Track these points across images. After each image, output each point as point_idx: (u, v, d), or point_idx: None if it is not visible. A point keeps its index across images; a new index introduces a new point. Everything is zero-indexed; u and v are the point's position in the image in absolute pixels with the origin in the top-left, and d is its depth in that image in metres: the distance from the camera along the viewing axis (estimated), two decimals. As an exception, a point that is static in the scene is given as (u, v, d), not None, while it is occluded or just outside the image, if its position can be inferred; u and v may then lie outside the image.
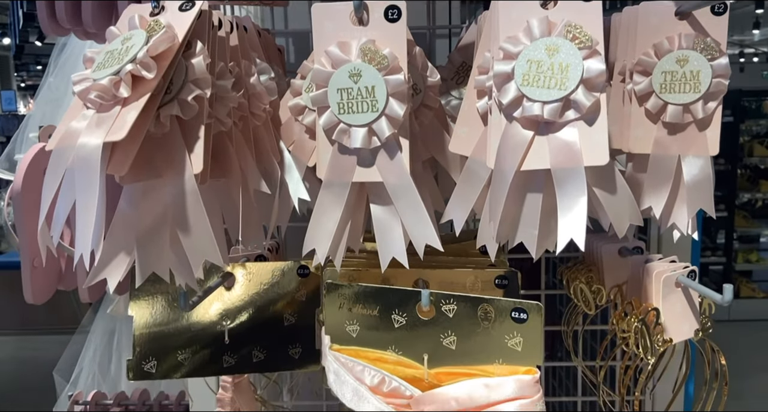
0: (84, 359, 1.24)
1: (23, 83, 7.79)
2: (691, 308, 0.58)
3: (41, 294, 0.90)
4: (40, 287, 0.89)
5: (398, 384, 0.51)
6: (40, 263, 0.89)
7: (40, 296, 0.90)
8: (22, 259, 0.86)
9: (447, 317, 0.51)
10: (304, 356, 0.63)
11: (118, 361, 1.24)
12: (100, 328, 1.26)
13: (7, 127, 5.54)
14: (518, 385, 0.47)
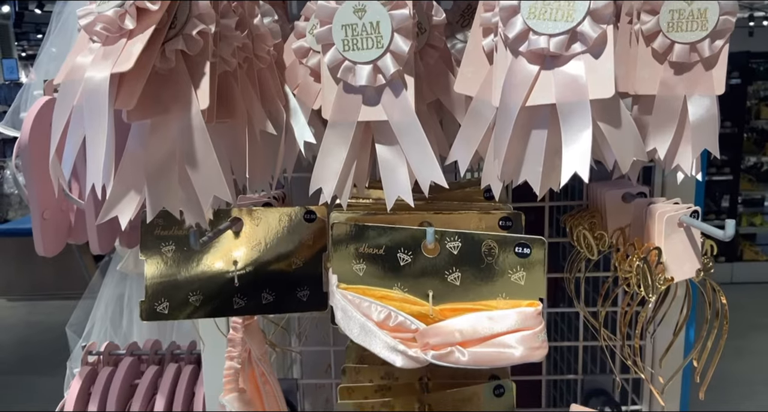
0: (96, 315, 1.27)
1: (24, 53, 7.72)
2: (693, 248, 0.58)
3: (52, 247, 0.92)
4: (50, 240, 0.91)
5: (404, 319, 0.52)
6: (50, 215, 0.90)
7: (50, 249, 0.92)
8: (32, 212, 0.88)
9: (451, 253, 0.52)
10: (312, 299, 0.64)
11: (129, 316, 1.26)
12: (111, 284, 1.28)
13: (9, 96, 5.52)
14: (521, 317, 0.49)
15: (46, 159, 0.86)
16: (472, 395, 0.63)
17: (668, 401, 0.80)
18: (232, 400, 0.62)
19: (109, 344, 1.00)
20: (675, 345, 0.73)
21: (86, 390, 0.94)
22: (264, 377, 0.69)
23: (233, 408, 0.62)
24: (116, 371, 0.94)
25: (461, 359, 0.50)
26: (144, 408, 0.93)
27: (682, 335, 0.76)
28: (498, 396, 0.63)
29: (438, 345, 0.50)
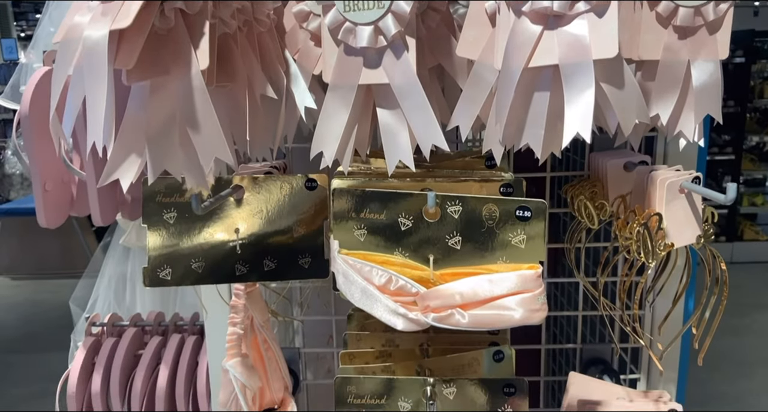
0: (99, 289, 1.28)
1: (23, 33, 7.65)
2: (693, 214, 0.59)
3: (54, 218, 0.92)
4: (52, 212, 0.91)
5: (404, 282, 0.52)
6: (51, 187, 0.90)
7: (52, 221, 0.92)
8: (34, 183, 0.88)
9: (452, 217, 0.52)
10: (314, 266, 0.65)
11: (133, 290, 1.28)
12: (114, 258, 1.29)
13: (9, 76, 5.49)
14: (520, 279, 0.49)
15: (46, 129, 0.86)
16: (472, 361, 0.64)
17: (666, 370, 0.81)
18: (235, 365, 0.63)
19: (112, 315, 1.00)
20: (674, 315, 0.74)
21: (90, 360, 0.95)
22: (266, 343, 0.70)
23: (236, 373, 0.62)
24: (120, 341, 0.95)
25: (461, 321, 0.50)
26: (148, 378, 0.94)
27: (681, 304, 0.77)
28: (497, 361, 0.64)
29: (438, 308, 0.51)
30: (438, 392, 0.59)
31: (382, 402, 0.60)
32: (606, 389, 0.74)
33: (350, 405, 0.60)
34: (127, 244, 1.27)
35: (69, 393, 0.92)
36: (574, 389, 0.74)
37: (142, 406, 0.93)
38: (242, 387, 0.63)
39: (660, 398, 0.71)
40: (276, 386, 0.71)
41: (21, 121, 0.84)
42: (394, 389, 0.60)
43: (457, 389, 0.59)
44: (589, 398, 0.71)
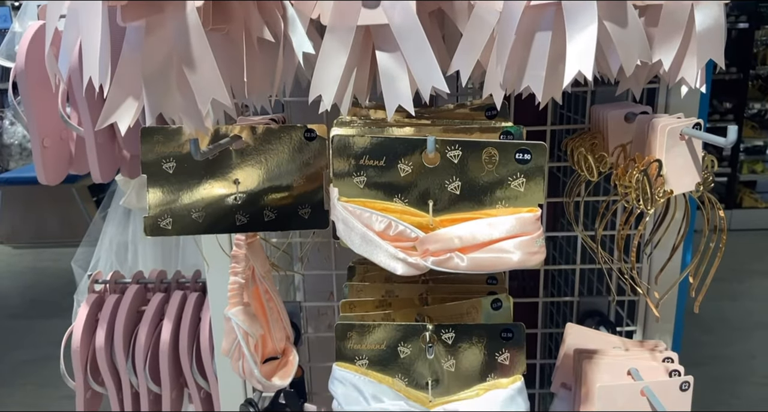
0: (101, 249, 1.28)
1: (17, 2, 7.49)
2: (693, 161, 0.59)
3: (53, 175, 0.92)
4: (51, 168, 0.91)
5: (404, 228, 0.53)
6: (50, 143, 0.90)
7: (52, 177, 0.92)
8: (32, 140, 0.87)
9: (452, 162, 0.52)
10: (313, 216, 0.65)
11: (134, 251, 1.28)
12: (115, 220, 1.30)
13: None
14: (519, 222, 0.49)
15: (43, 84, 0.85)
16: (470, 309, 0.65)
17: (662, 322, 0.82)
18: (237, 312, 0.64)
19: (114, 272, 1.01)
20: (671, 267, 0.75)
21: (93, 317, 0.97)
22: (268, 294, 0.71)
23: (238, 320, 0.63)
24: (122, 298, 0.96)
25: (460, 264, 0.50)
26: (151, 333, 0.95)
27: (678, 257, 0.78)
28: (496, 310, 0.65)
29: (437, 251, 0.51)
30: (437, 337, 0.60)
31: (382, 348, 0.61)
32: (602, 339, 0.75)
33: (350, 351, 0.61)
34: (128, 205, 1.27)
35: (73, 348, 0.94)
36: (571, 339, 0.76)
37: (147, 361, 0.95)
38: (245, 335, 0.64)
39: (656, 348, 0.72)
40: (278, 336, 0.72)
41: (17, 76, 0.83)
42: (393, 334, 0.61)
43: (456, 335, 0.60)
44: (586, 347, 0.72)
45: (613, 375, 0.69)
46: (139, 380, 0.96)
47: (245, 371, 0.66)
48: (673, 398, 0.65)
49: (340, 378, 0.61)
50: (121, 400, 0.99)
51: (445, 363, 0.60)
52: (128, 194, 1.25)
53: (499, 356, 0.60)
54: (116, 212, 1.29)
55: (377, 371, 0.61)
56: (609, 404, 0.65)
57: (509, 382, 0.59)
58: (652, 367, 0.69)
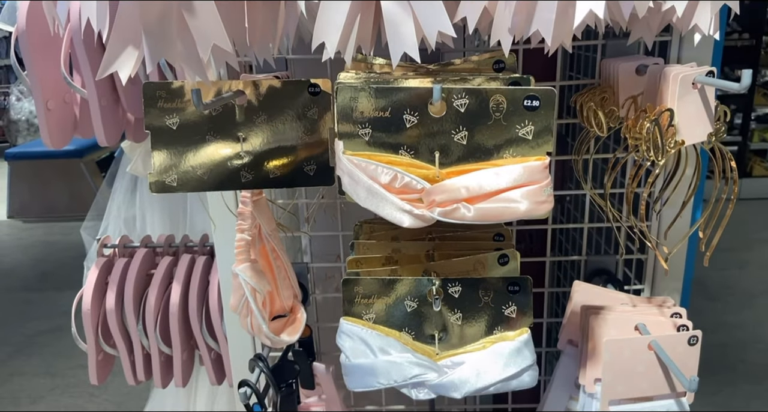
0: (109, 216, 1.29)
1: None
2: (706, 110, 0.57)
3: (58, 139, 0.92)
4: (56, 132, 0.91)
5: (410, 179, 0.52)
6: (53, 105, 0.89)
7: (57, 141, 0.91)
8: (36, 102, 0.87)
9: (458, 111, 0.51)
10: (319, 173, 0.65)
11: (142, 217, 1.29)
12: (122, 187, 1.29)
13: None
14: (527, 171, 0.48)
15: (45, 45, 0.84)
16: (477, 265, 0.65)
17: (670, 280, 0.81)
18: (245, 269, 0.64)
19: (123, 237, 1.02)
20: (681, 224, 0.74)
21: (103, 280, 0.97)
22: (275, 252, 0.71)
23: (246, 277, 0.63)
24: (131, 261, 0.97)
25: (467, 214, 0.50)
26: (161, 296, 0.96)
27: (688, 214, 0.77)
28: (502, 265, 0.64)
29: (444, 202, 0.50)
30: (443, 291, 0.60)
31: (389, 302, 0.61)
32: (610, 296, 0.75)
33: (358, 306, 0.61)
34: (134, 172, 1.27)
35: (84, 310, 0.95)
36: (578, 296, 0.75)
37: (157, 323, 0.96)
38: (252, 291, 0.64)
39: (664, 303, 0.72)
40: (286, 294, 0.73)
41: (18, 38, 0.82)
42: (400, 288, 0.61)
43: (462, 288, 0.60)
44: (593, 304, 0.72)
45: (621, 330, 0.69)
46: (150, 342, 0.97)
47: (253, 327, 0.67)
48: (681, 352, 0.65)
49: (348, 332, 0.61)
50: (132, 362, 1.00)
51: (451, 317, 0.61)
52: (134, 161, 1.24)
53: (506, 309, 0.60)
54: (123, 179, 1.29)
55: (384, 325, 0.61)
56: (616, 358, 0.65)
57: (516, 335, 0.60)
58: (660, 322, 0.69)
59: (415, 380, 0.58)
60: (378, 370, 0.59)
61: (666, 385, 0.67)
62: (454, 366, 0.59)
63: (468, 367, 0.58)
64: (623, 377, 0.65)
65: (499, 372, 0.57)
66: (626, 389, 0.66)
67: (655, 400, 0.67)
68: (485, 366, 0.58)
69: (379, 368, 0.59)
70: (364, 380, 0.60)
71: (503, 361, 0.58)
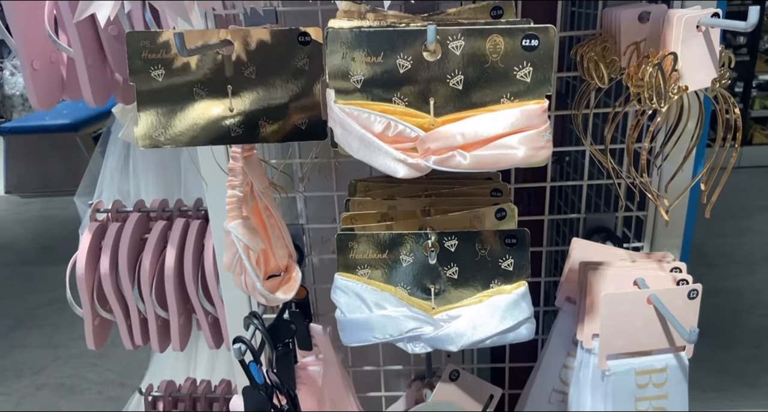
0: (102, 184, 1.27)
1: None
2: (710, 55, 0.55)
3: (45, 100, 0.90)
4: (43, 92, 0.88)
5: (404, 127, 0.50)
6: (39, 65, 0.87)
7: (44, 101, 0.89)
8: (22, 62, 0.84)
9: (454, 54, 0.49)
10: (311, 127, 0.63)
11: (136, 184, 1.27)
12: (115, 153, 1.28)
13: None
14: (524, 115, 0.47)
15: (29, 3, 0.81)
16: (474, 219, 0.63)
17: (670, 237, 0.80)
18: (237, 226, 0.62)
19: (116, 201, 1.00)
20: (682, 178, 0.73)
21: (97, 245, 0.96)
22: (268, 211, 0.69)
23: (238, 233, 0.62)
24: (125, 225, 0.96)
25: (462, 162, 0.48)
26: (155, 260, 0.95)
27: (690, 167, 0.75)
28: (500, 220, 0.63)
29: (439, 150, 0.49)
30: (439, 245, 0.59)
31: (384, 257, 0.60)
32: (608, 252, 0.74)
33: (352, 261, 0.60)
34: (126, 138, 1.25)
35: (78, 275, 0.94)
36: (576, 253, 0.74)
37: (153, 287, 0.95)
38: (245, 248, 0.63)
39: (664, 258, 0.71)
40: (280, 253, 0.72)
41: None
42: (395, 243, 0.60)
43: (459, 242, 0.59)
44: (592, 260, 0.71)
45: (619, 285, 0.68)
46: (147, 306, 0.96)
47: (248, 285, 0.66)
48: (681, 306, 0.64)
49: (343, 287, 0.60)
50: (129, 326, 1.00)
51: (447, 271, 0.60)
52: (126, 127, 1.22)
53: (503, 262, 0.59)
54: (115, 146, 1.27)
55: (380, 280, 0.60)
56: (614, 312, 0.64)
57: (513, 288, 0.59)
58: (659, 277, 0.68)
59: (411, 333, 0.58)
60: (373, 324, 0.58)
61: (665, 339, 0.66)
62: (450, 320, 0.58)
63: (464, 320, 0.57)
64: (621, 332, 0.65)
65: (496, 325, 0.57)
66: (624, 343, 0.66)
67: (653, 354, 0.67)
68: (482, 319, 0.57)
69: (374, 322, 0.58)
70: (360, 335, 0.59)
71: (500, 314, 0.57)
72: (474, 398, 0.67)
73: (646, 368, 0.66)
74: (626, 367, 0.66)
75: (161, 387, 1.13)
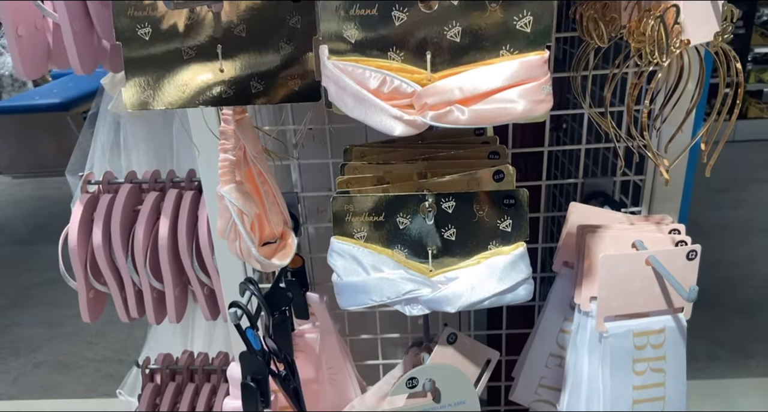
0: (94, 157, 1.25)
1: None
2: (713, 8, 0.54)
3: (31, 68, 0.87)
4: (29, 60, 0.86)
5: (400, 82, 0.49)
6: (24, 31, 0.84)
7: (30, 70, 0.87)
8: (5, 29, 0.82)
9: (452, 4, 0.47)
10: (304, 88, 0.61)
11: (128, 156, 1.25)
12: (105, 126, 1.26)
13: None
14: (524, 67, 0.46)
15: (7, -37, 0.79)
16: (472, 182, 0.63)
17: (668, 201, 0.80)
18: (230, 190, 0.61)
19: (107, 173, 0.99)
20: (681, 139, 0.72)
21: (88, 216, 0.95)
22: (262, 176, 0.68)
23: (231, 198, 0.61)
24: (117, 196, 0.94)
25: (460, 118, 0.47)
26: (149, 231, 0.94)
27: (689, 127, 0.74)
28: (498, 181, 0.62)
29: (436, 105, 0.48)
30: (436, 207, 0.58)
31: (381, 219, 0.59)
32: (606, 216, 0.73)
33: (348, 224, 0.60)
34: (116, 110, 1.23)
35: (71, 247, 0.93)
36: (574, 217, 0.74)
37: (147, 258, 0.94)
38: (239, 212, 0.62)
39: (662, 221, 0.71)
40: (275, 220, 0.71)
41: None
42: (392, 205, 0.59)
43: (456, 203, 0.58)
44: (589, 223, 0.71)
45: (618, 247, 0.67)
46: (141, 278, 0.95)
47: (242, 251, 0.65)
48: (680, 267, 0.64)
49: (339, 251, 0.59)
50: (124, 298, 0.99)
51: (445, 233, 0.59)
52: (116, 99, 1.20)
53: (501, 223, 0.58)
54: (105, 118, 1.25)
55: (376, 243, 0.60)
56: (612, 274, 0.64)
57: (511, 249, 0.58)
58: (657, 239, 0.68)
59: (408, 296, 0.57)
60: (370, 287, 0.58)
61: (663, 301, 0.66)
62: (448, 282, 0.57)
63: (462, 282, 0.57)
64: (619, 294, 0.65)
65: (494, 286, 0.56)
66: (622, 305, 0.65)
67: (651, 316, 0.67)
68: (479, 280, 0.56)
69: (371, 285, 0.58)
70: (357, 298, 0.58)
71: (498, 275, 0.57)
72: (472, 361, 0.67)
73: (643, 329, 0.66)
74: (624, 329, 0.65)
75: (158, 360, 1.12)
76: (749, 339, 2.04)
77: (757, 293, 2.28)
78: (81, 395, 1.96)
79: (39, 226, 3.30)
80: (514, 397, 0.81)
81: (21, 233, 3.25)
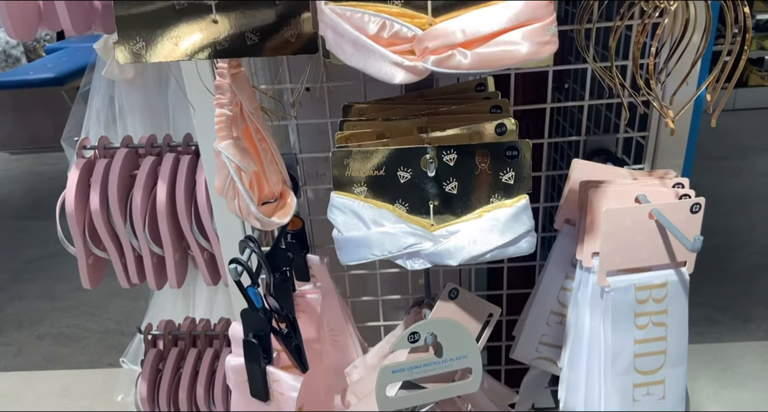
0: (89, 124, 1.24)
1: None
2: (722, -51, 0.52)
3: (22, 30, 0.85)
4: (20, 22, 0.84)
5: (400, 26, 0.48)
6: (11, -11, 0.82)
7: (21, 31, 0.85)
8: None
9: (452, -55, 0.46)
10: (301, 40, 0.59)
11: (123, 124, 1.24)
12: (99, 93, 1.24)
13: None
14: (528, 6, 0.44)
15: None
16: (473, 135, 0.62)
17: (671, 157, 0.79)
18: (227, 146, 0.60)
19: (102, 137, 0.97)
20: (686, 91, 0.70)
21: (85, 182, 0.94)
22: (260, 134, 0.67)
23: (228, 154, 0.60)
24: (113, 161, 0.93)
25: (463, 62, 0.46)
26: (147, 195, 0.93)
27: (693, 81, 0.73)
28: (500, 134, 0.61)
29: (437, 49, 0.46)
30: (438, 160, 0.57)
31: (381, 173, 0.58)
32: (609, 172, 0.72)
33: (348, 179, 0.59)
34: (110, 76, 1.21)
35: (68, 212, 0.92)
36: (576, 173, 0.73)
37: (145, 222, 0.94)
38: (237, 169, 0.61)
39: (666, 175, 0.70)
40: (274, 179, 0.70)
41: None
42: (392, 159, 0.58)
43: (458, 156, 0.57)
44: (592, 179, 0.70)
45: (621, 202, 0.67)
46: (141, 243, 0.95)
47: (241, 209, 0.64)
48: (683, 219, 0.63)
49: (339, 206, 0.59)
50: (124, 264, 0.99)
51: (447, 186, 0.58)
52: (110, 64, 1.18)
53: (504, 175, 0.57)
54: (100, 84, 1.23)
55: (377, 198, 0.59)
56: (615, 228, 0.63)
57: (513, 202, 0.57)
58: (661, 192, 0.67)
59: (409, 249, 0.56)
60: (371, 241, 0.57)
61: (666, 254, 0.65)
62: (450, 235, 0.57)
63: (464, 235, 0.56)
64: (622, 248, 0.64)
65: (496, 239, 0.56)
66: (624, 259, 0.65)
67: (654, 270, 0.66)
68: (481, 234, 0.56)
69: (372, 239, 0.57)
70: (358, 253, 0.58)
71: (500, 228, 0.56)
72: (473, 316, 0.66)
73: (645, 283, 0.65)
74: (626, 283, 0.65)
75: (160, 326, 1.13)
76: (747, 304, 2.05)
77: (756, 260, 2.29)
78: (84, 365, 1.98)
79: (38, 201, 3.29)
80: (515, 355, 0.82)
81: (20, 207, 3.25)
